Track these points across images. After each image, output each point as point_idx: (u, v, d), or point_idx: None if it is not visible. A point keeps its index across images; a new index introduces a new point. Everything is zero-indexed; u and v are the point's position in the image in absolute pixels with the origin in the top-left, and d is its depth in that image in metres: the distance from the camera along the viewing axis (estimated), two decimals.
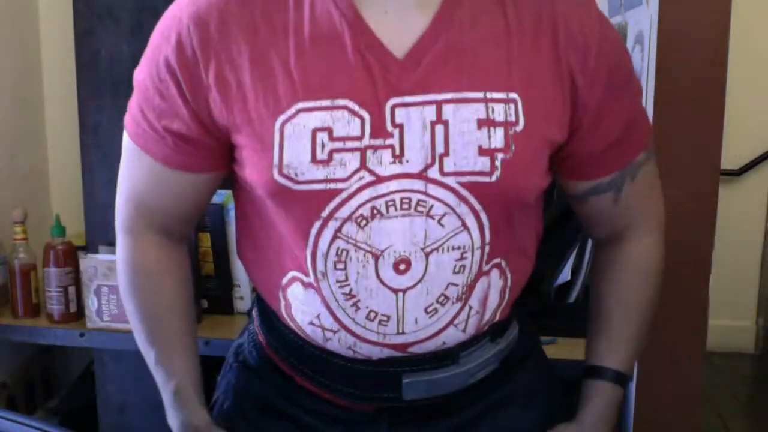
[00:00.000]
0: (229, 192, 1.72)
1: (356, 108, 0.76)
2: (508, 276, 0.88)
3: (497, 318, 0.90)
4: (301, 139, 0.76)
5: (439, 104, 0.76)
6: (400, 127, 0.76)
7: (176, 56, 0.80)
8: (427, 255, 0.80)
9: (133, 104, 0.88)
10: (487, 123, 0.77)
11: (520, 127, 0.78)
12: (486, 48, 0.78)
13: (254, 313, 0.99)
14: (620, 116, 0.87)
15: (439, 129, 0.76)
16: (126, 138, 0.89)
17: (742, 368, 3.24)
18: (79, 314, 1.75)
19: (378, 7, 0.77)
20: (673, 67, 1.34)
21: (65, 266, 1.73)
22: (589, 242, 1.88)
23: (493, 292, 0.87)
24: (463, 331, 0.87)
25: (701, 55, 1.33)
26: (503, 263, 0.86)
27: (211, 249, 1.72)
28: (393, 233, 0.79)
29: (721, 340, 3.04)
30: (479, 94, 0.77)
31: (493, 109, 0.77)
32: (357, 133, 0.76)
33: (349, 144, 0.76)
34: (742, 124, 2.91)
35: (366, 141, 0.76)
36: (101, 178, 1.76)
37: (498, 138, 0.77)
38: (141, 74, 0.86)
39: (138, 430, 1.81)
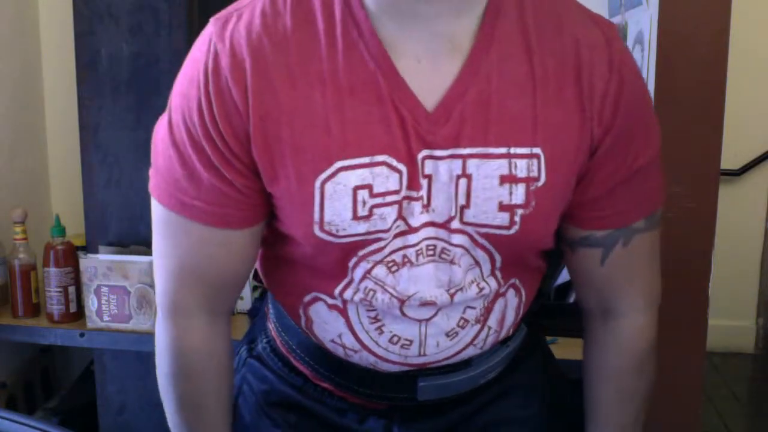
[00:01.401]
0: None
1: (394, 163, 0.76)
2: (523, 293, 0.89)
3: (512, 332, 0.93)
4: (342, 198, 0.76)
5: (464, 158, 0.76)
6: (429, 178, 0.77)
7: (216, 107, 0.75)
8: (451, 296, 0.83)
9: (162, 165, 0.80)
10: (509, 179, 0.77)
11: (541, 182, 0.78)
12: (512, 99, 0.77)
13: (270, 313, 0.98)
14: (624, 165, 0.82)
15: (463, 182, 0.77)
16: (159, 209, 0.81)
17: (742, 368, 3.23)
18: (79, 314, 1.75)
19: (410, 55, 0.76)
20: (673, 67, 1.34)
21: (65, 266, 1.73)
22: None
23: (510, 310, 0.89)
24: (481, 348, 0.89)
25: (701, 55, 1.33)
26: (518, 282, 0.88)
27: None
28: (420, 280, 0.81)
29: (721, 340, 3.04)
30: (503, 150, 0.77)
31: (516, 165, 0.77)
32: (396, 187, 0.76)
33: (389, 198, 0.77)
34: (742, 124, 2.91)
35: (403, 193, 0.77)
36: (101, 178, 1.76)
37: (519, 194, 0.78)
38: (172, 128, 0.78)
39: (138, 430, 1.81)
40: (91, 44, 1.72)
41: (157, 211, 0.82)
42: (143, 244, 1.73)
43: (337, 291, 0.83)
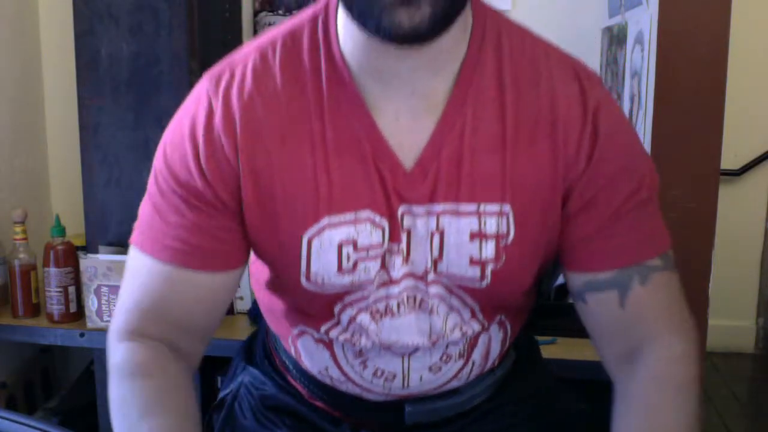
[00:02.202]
0: None
1: (377, 218, 0.79)
2: (509, 326, 0.91)
3: (497, 363, 0.95)
4: (328, 254, 0.79)
5: (438, 215, 0.79)
6: (408, 232, 0.80)
7: (206, 161, 0.78)
8: (433, 342, 0.85)
9: (146, 212, 0.83)
10: (479, 236, 0.80)
11: (511, 239, 0.80)
12: (482, 156, 0.78)
13: (269, 330, 1.00)
14: (610, 207, 0.81)
15: (437, 237, 0.80)
16: (134, 253, 0.84)
17: (742, 368, 3.23)
18: (79, 314, 1.75)
19: (391, 113, 0.78)
20: (673, 67, 1.34)
21: (65, 266, 1.72)
22: None
23: (495, 344, 0.90)
24: (466, 380, 0.92)
25: (701, 55, 1.33)
26: (503, 317, 0.90)
27: None
28: (401, 329, 0.84)
29: (721, 340, 3.04)
30: (473, 206, 0.79)
31: (485, 222, 0.79)
32: (378, 240, 0.79)
33: (372, 252, 0.80)
34: (742, 124, 2.91)
35: (385, 246, 0.80)
36: (101, 178, 1.76)
37: (489, 250, 0.80)
38: (157, 176, 0.82)
39: None
40: (91, 44, 1.72)
41: (132, 253, 0.84)
42: None
43: (323, 329, 0.86)
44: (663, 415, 0.79)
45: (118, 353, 0.81)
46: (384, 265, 0.80)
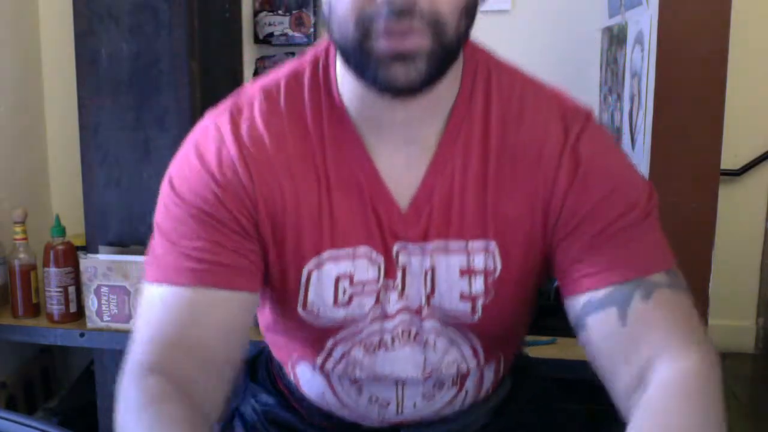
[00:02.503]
0: None
1: (374, 254, 0.82)
2: (502, 361, 0.94)
3: (491, 390, 0.96)
4: (325, 286, 0.82)
5: (431, 253, 0.82)
6: (404, 269, 0.83)
7: (223, 186, 0.79)
8: (426, 374, 0.88)
9: (159, 248, 0.81)
10: (468, 272, 0.82)
11: (497, 274, 0.83)
12: (469, 195, 0.81)
13: (272, 353, 1.02)
14: (595, 232, 0.79)
15: (429, 274, 0.83)
16: (149, 291, 0.80)
17: (742, 368, 3.23)
18: (79, 314, 1.75)
19: (387, 156, 0.81)
20: (673, 67, 1.34)
21: (65, 266, 1.73)
22: None
23: (488, 372, 0.93)
24: (460, 408, 0.93)
25: (701, 55, 1.33)
26: (500, 354, 0.94)
27: None
28: (396, 362, 0.87)
29: (721, 340, 3.04)
30: (462, 244, 0.82)
31: (473, 259, 0.82)
32: (374, 276, 0.82)
33: (368, 288, 0.83)
34: (742, 124, 2.91)
35: (381, 282, 0.83)
36: (101, 178, 1.76)
37: (478, 285, 0.83)
38: (172, 210, 0.80)
39: None
40: (91, 44, 1.72)
41: (148, 296, 0.79)
42: (143, 244, 1.72)
43: (318, 361, 0.89)
44: (666, 419, 0.70)
45: (131, 389, 0.75)
46: (378, 301, 0.83)
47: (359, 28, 0.69)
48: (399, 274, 0.83)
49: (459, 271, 0.82)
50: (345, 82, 0.79)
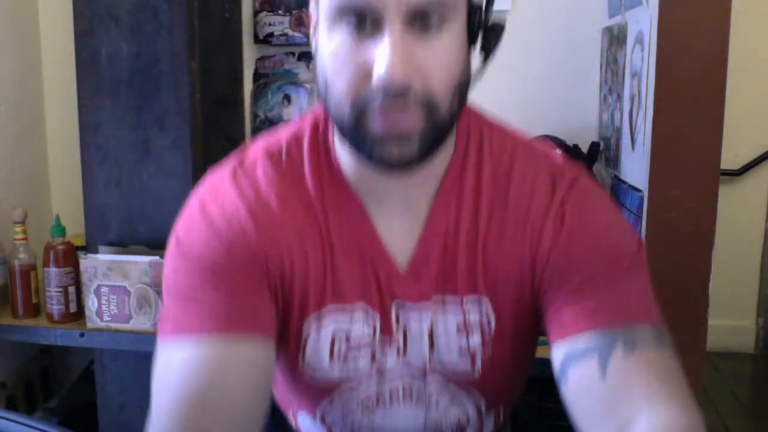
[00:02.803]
0: None
1: (369, 311, 0.84)
2: (502, 410, 0.96)
3: None
4: (323, 341, 0.85)
5: (429, 310, 0.85)
6: (404, 328, 0.85)
7: (233, 242, 0.79)
8: (428, 428, 0.91)
9: (173, 306, 0.79)
10: (465, 327, 0.85)
11: (493, 328, 0.85)
12: (462, 253, 0.83)
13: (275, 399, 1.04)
14: (580, 280, 0.79)
15: (429, 332, 0.85)
16: (165, 349, 0.77)
17: (742, 368, 3.23)
18: (79, 314, 1.75)
19: (385, 220, 0.84)
20: (673, 67, 1.34)
21: (65, 266, 1.73)
22: None
23: (489, 423, 0.95)
24: None
25: (701, 55, 1.33)
26: (500, 405, 0.95)
27: None
28: (396, 419, 0.89)
29: (721, 340, 3.04)
30: (457, 299, 0.84)
31: (469, 315, 0.84)
32: (369, 333, 0.85)
33: (363, 344, 0.85)
34: (742, 124, 2.91)
35: (377, 340, 0.85)
36: (101, 178, 1.76)
37: (475, 340, 0.85)
38: (182, 268, 0.80)
39: (138, 430, 1.80)
40: (91, 44, 1.72)
41: (165, 355, 0.76)
42: (143, 244, 1.73)
43: (318, 414, 0.92)
44: None
45: None
46: (375, 359, 0.86)
47: (355, 109, 0.71)
48: (399, 335, 0.85)
49: (456, 327, 0.85)
50: (342, 151, 0.82)
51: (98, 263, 1.67)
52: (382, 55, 0.68)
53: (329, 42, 0.72)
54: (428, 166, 0.79)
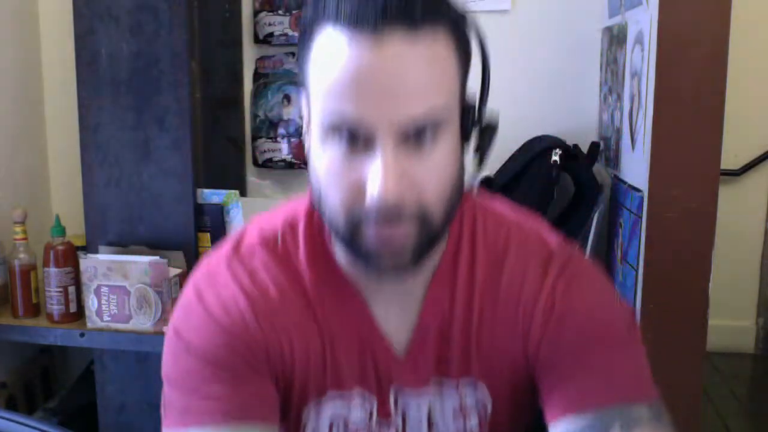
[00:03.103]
0: (229, 192, 1.73)
1: (367, 395, 0.85)
2: None
3: None
4: (321, 428, 0.85)
5: (427, 395, 0.85)
6: (403, 413, 0.86)
7: (234, 333, 0.80)
8: None
9: (175, 399, 0.80)
10: (461, 411, 0.86)
11: (489, 410, 0.86)
12: (457, 337, 0.83)
13: None
14: (576, 361, 0.80)
15: (426, 415, 0.86)
16: None
17: (742, 368, 3.23)
18: (79, 314, 1.75)
19: (382, 306, 0.84)
20: (673, 67, 1.34)
21: (65, 266, 1.73)
22: (589, 241, 1.89)
23: None
24: None
25: (701, 55, 1.33)
26: None
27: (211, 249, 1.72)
28: None
29: (721, 340, 3.04)
30: (453, 383, 0.85)
31: (465, 396, 0.85)
32: (366, 417, 0.85)
33: (361, 429, 0.85)
34: (742, 124, 2.91)
35: (374, 422, 0.85)
36: (101, 178, 1.76)
37: (473, 423, 0.86)
38: (183, 361, 0.80)
39: (138, 430, 1.81)
40: (91, 44, 1.72)
41: None
42: (143, 244, 1.73)
43: None
44: None
45: None
46: None
47: (349, 223, 0.72)
48: (398, 418, 0.86)
49: (453, 411, 0.85)
50: (337, 244, 0.82)
51: (98, 263, 1.67)
52: (375, 175, 0.68)
53: (322, 154, 0.72)
54: (424, 264, 0.80)
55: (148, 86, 1.71)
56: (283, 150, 2.21)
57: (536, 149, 1.88)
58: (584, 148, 1.92)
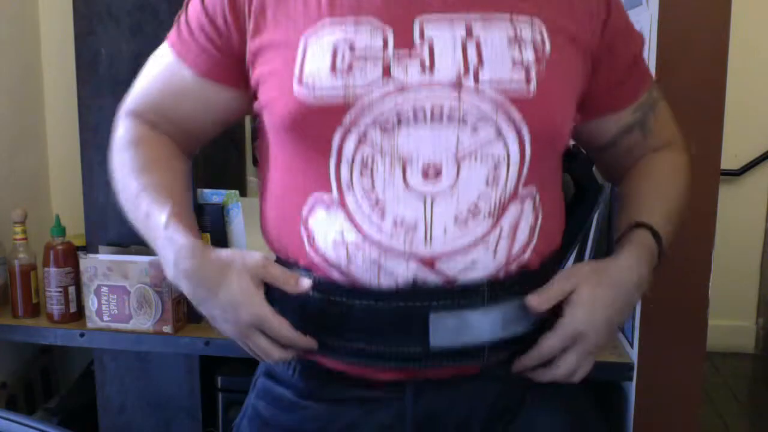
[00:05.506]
0: (229, 192, 1.72)
1: (380, 24, 0.80)
2: (540, 213, 0.87)
3: (527, 257, 0.87)
4: (323, 52, 0.80)
5: (468, 21, 0.80)
6: (430, 41, 0.80)
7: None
8: (459, 162, 0.80)
9: (182, 21, 0.95)
10: (516, 41, 0.81)
11: (548, 48, 0.82)
12: None
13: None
14: (628, 48, 0.95)
15: (471, 44, 0.80)
16: (163, 48, 0.97)
17: (742, 368, 3.24)
18: (79, 314, 1.75)
19: None
20: (673, 67, 1.34)
21: (65, 266, 1.72)
22: (590, 242, 1.88)
23: (524, 223, 0.85)
24: (494, 253, 0.83)
25: (701, 55, 1.33)
26: (537, 196, 0.86)
27: None
28: (421, 140, 0.80)
29: (721, 340, 3.04)
30: (506, 15, 0.81)
31: (521, 30, 0.81)
32: (379, 44, 0.79)
33: (371, 55, 0.79)
34: (742, 124, 2.91)
35: (389, 52, 0.79)
36: (101, 178, 1.76)
37: (529, 54, 0.81)
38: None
39: (138, 430, 1.81)
40: (91, 44, 1.72)
41: (162, 48, 0.98)
42: (143, 244, 1.72)
43: (332, 175, 0.82)
44: (660, 175, 0.99)
45: (121, 128, 0.99)
46: (389, 74, 0.79)
47: None
48: (425, 47, 0.79)
49: (507, 39, 0.80)
50: None
51: (98, 263, 1.67)
52: None
53: None
54: None
55: None
56: None
57: None
58: None
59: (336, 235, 0.83)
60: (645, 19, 1.49)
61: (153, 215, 0.89)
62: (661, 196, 0.97)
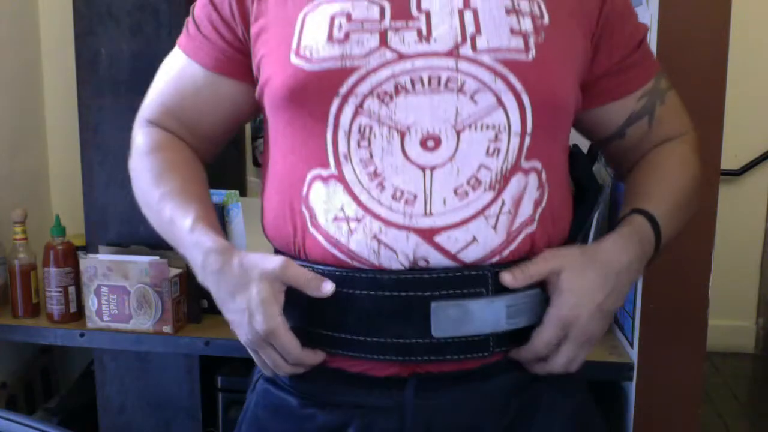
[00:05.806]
0: (229, 192, 1.72)
1: None
2: (546, 191, 0.85)
3: (531, 232, 0.84)
4: (320, 24, 0.81)
5: None
6: (427, 12, 0.81)
7: None
8: (458, 132, 0.80)
9: (189, 21, 0.99)
10: (514, 11, 0.82)
11: (546, 21, 0.83)
12: None
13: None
14: (630, 34, 0.96)
15: (468, 13, 0.80)
16: (174, 51, 1.03)
17: (742, 368, 3.24)
18: (79, 314, 1.75)
19: None
20: (673, 67, 1.34)
21: (65, 266, 1.73)
22: (590, 241, 1.88)
23: (528, 198, 0.83)
24: (494, 228, 0.81)
25: (701, 54, 1.33)
26: (542, 171, 0.84)
27: None
28: (419, 109, 0.79)
29: (721, 340, 3.04)
30: None
31: (518, 1, 0.82)
32: (376, 16, 0.80)
33: (368, 26, 0.80)
34: (742, 124, 2.91)
35: (386, 23, 0.80)
36: (101, 178, 1.76)
37: (527, 24, 0.82)
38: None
39: (138, 430, 1.81)
40: (91, 44, 1.72)
41: (175, 51, 1.03)
42: (143, 244, 1.73)
43: (329, 147, 0.81)
44: (667, 165, 0.96)
45: (139, 136, 1.05)
46: (386, 43, 0.79)
47: None
48: (422, 17, 0.80)
49: (504, 9, 0.81)
50: None
51: (98, 263, 1.67)
52: None
53: None
54: None
55: (148, 86, 1.71)
56: None
57: None
58: (584, 148, 1.91)
59: (336, 211, 0.82)
60: (645, 19, 1.49)
61: (177, 220, 0.89)
62: (664, 186, 0.94)
